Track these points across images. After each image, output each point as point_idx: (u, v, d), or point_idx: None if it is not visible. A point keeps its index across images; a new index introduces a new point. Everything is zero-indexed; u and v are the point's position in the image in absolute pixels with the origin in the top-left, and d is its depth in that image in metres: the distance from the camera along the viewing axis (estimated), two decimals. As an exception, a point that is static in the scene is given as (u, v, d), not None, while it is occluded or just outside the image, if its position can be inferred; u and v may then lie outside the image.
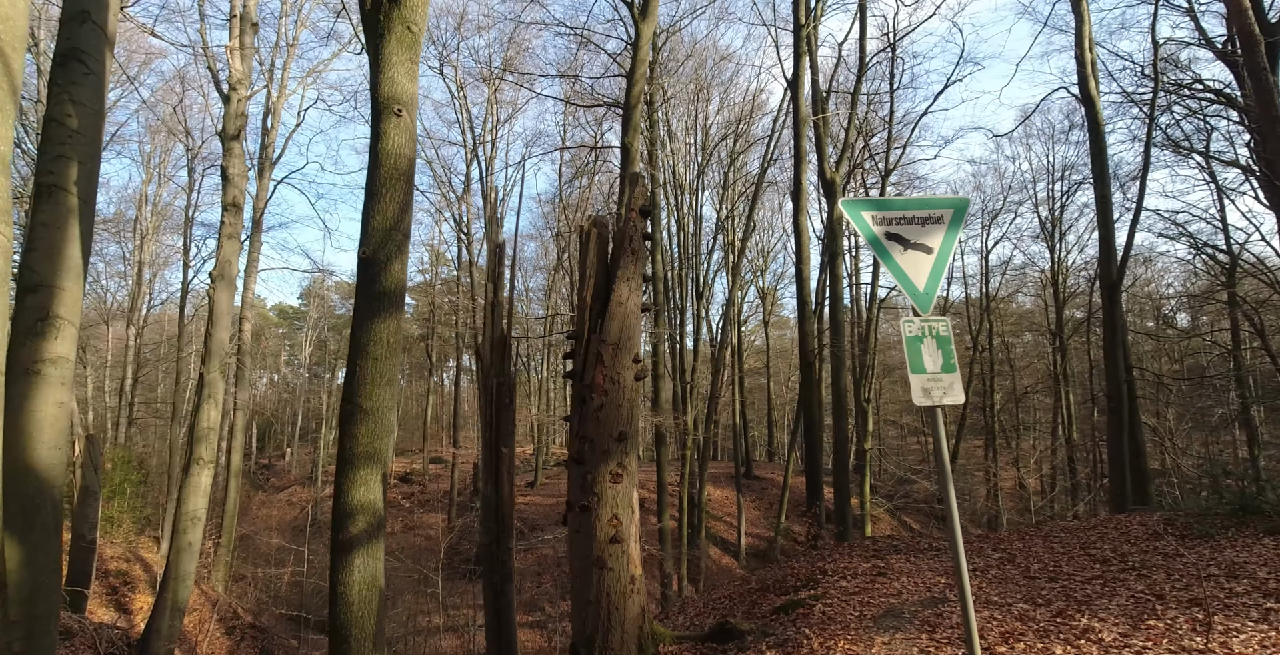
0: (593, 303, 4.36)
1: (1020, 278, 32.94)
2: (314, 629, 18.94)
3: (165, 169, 26.50)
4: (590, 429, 4.13)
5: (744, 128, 21.93)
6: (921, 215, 2.79)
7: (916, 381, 2.62)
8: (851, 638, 3.10)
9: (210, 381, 11.53)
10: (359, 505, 3.17)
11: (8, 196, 3.58)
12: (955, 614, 3.31)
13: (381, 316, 3.27)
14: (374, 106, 3.41)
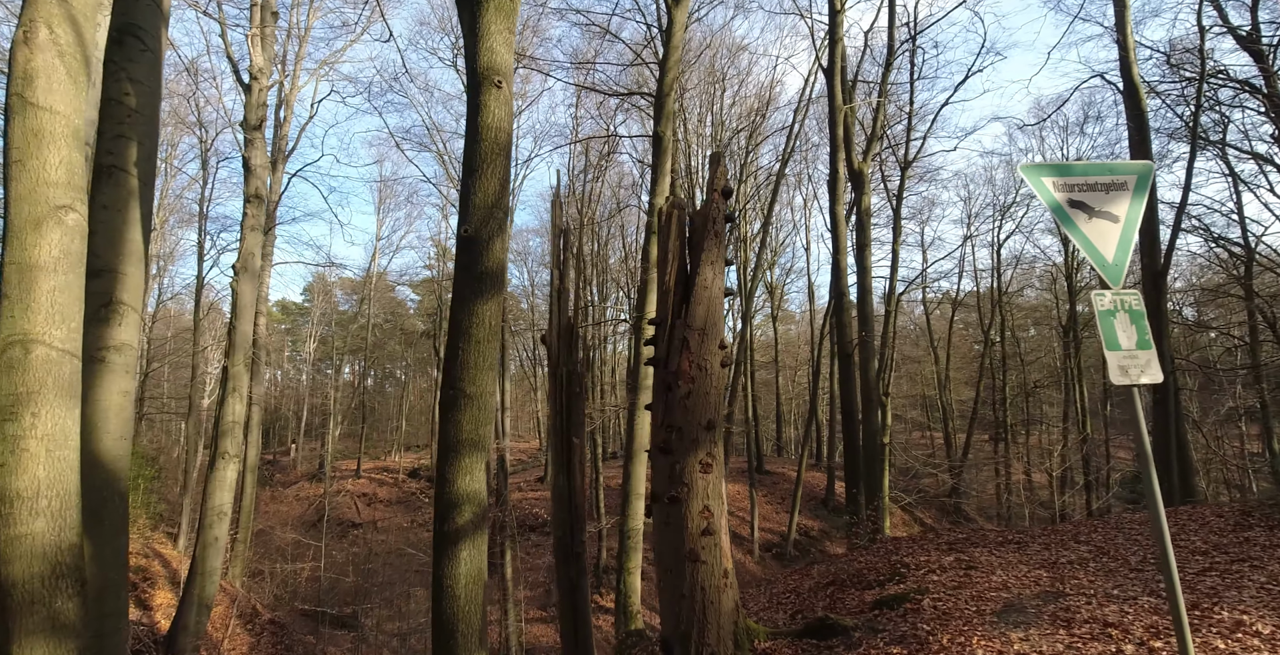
0: (675, 287, 4.21)
1: (1030, 271, 32.85)
2: (330, 624, 18.84)
3: (172, 162, 26.26)
4: (677, 417, 3.98)
5: (758, 121, 21.76)
6: (1105, 181, 2.64)
7: (1113, 359, 2.48)
8: (983, 633, 2.97)
9: (234, 375, 11.37)
10: (464, 495, 3.02)
11: (83, 174, 3.42)
12: (1083, 608, 3.18)
13: (484, 297, 3.12)
14: (471, 79, 3.24)
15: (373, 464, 36.79)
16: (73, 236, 3.24)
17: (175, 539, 19.15)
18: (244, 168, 11.93)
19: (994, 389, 30.44)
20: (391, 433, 42.76)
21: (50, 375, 3.08)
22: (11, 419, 2.98)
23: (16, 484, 2.95)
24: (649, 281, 10.16)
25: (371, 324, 38.28)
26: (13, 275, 3.05)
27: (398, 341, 48.20)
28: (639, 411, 9.97)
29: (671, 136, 10.81)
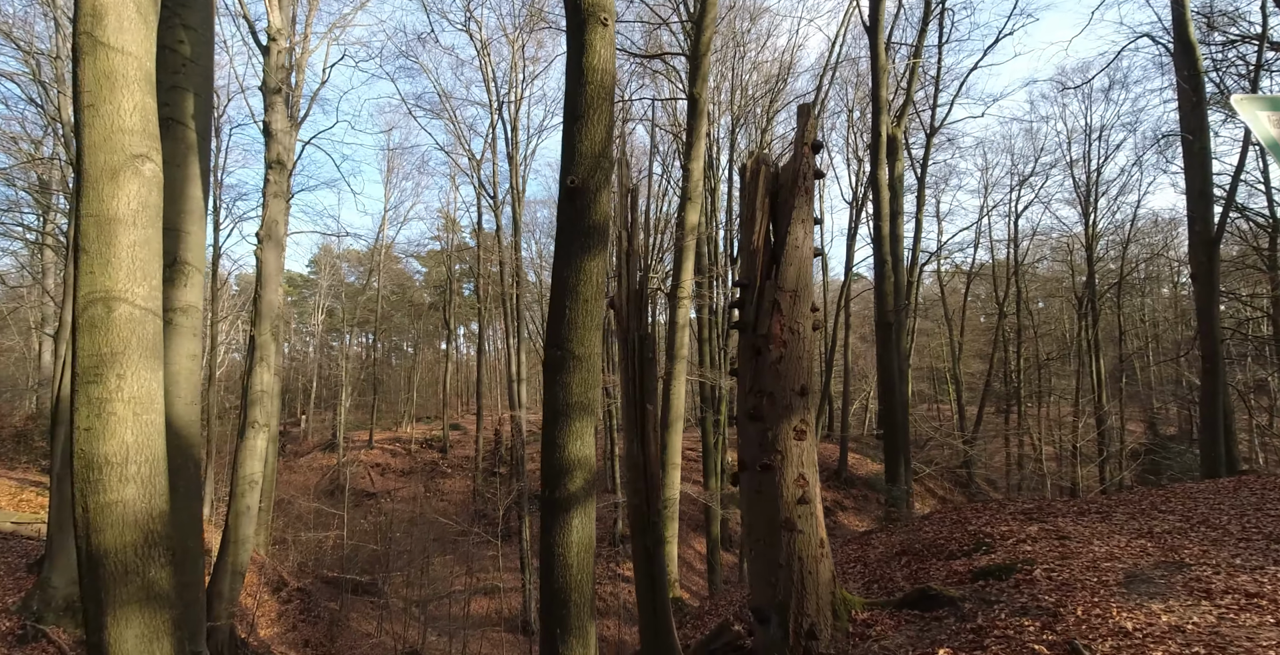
0: (763, 247, 4.01)
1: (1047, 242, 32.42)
2: (352, 591, 19.08)
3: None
4: (769, 383, 3.83)
5: (779, 86, 21.17)
6: (1327, 116, 2.45)
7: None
8: (1120, 604, 2.86)
9: (261, 344, 11.24)
10: (576, 460, 2.89)
11: (154, 120, 3.20)
12: (1215, 579, 3.07)
13: (591, 253, 2.93)
14: (572, 19, 3.00)
15: (385, 435, 36.99)
16: (150, 188, 3.04)
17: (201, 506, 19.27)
18: (265, 132, 11.61)
19: (1006, 361, 30.35)
20: (402, 404, 42.89)
21: (134, 335, 2.92)
22: (96, 381, 2.83)
23: (105, 449, 2.82)
24: (685, 248, 9.94)
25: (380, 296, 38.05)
26: (90, 228, 2.86)
27: (404, 314, 48.07)
28: (675, 380, 9.85)
29: (707, 98, 10.45)
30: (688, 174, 10.21)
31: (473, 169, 24.66)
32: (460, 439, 36.03)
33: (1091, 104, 29.65)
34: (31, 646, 8.52)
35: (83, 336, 2.85)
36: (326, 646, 15.01)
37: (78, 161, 2.97)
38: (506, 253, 22.79)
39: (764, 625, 3.66)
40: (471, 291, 47.55)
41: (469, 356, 54.75)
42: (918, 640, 3.18)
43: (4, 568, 9.28)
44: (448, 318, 35.62)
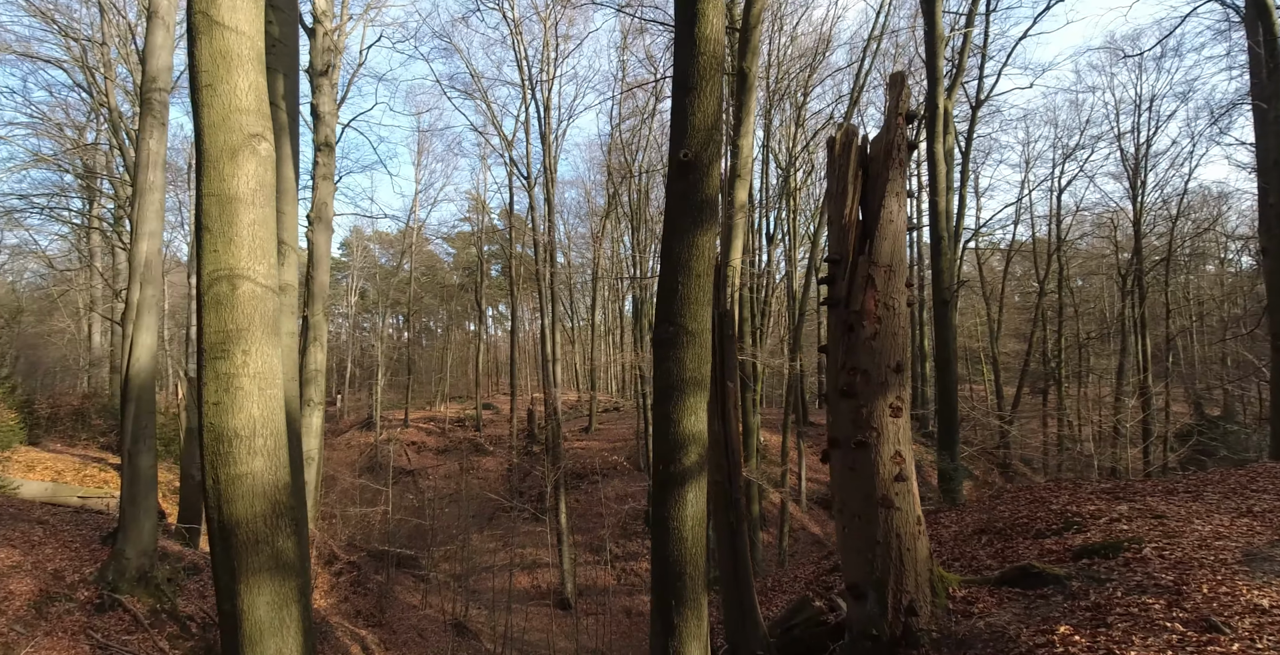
0: (856, 221, 3.94)
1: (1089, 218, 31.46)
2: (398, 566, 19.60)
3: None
4: (862, 359, 3.79)
5: (817, 60, 20.68)
6: None
7: None
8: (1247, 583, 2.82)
9: (315, 324, 11.44)
10: (690, 435, 2.90)
11: (266, 99, 3.22)
12: (1345, 558, 3.01)
13: (703, 228, 2.91)
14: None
15: (419, 414, 37.69)
16: (266, 167, 3.08)
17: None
18: (313, 115, 11.69)
19: (1045, 340, 29.73)
20: (434, 384, 43.57)
21: (257, 312, 2.98)
22: (223, 357, 2.91)
23: (233, 423, 2.91)
24: (735, 226, 9.84)
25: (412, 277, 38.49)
26: (212, 207, 2.91)
27: (433, 295, 48.61)
28: (725, 360, 9.80)
29: (757, 72, 10.24)
30: (737, 150, 10.06)
31: (504, 149, 24.63)
32: (492, 418, 36.56)
33: (1142, 73, 28.50)
34: (108, 615, 8.93)
35: (209, 313, 2.92)
36: (377, 617, 15.50)
37: (197, 141, 3.01)
38: (540, 233, 22.80)
39: (860, 601, 3.68)
40: (499, 273, 47.92)
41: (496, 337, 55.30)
42: (1025, 617, 3.17)
43: (79, 540, 9.70)
44: (479, 299, 35.93)
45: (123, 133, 16.94)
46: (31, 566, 8.69)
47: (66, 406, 19.13)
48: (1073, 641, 2.67)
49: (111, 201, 23.27)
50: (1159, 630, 2.56)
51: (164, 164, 9.55)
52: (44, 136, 23.01)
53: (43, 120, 22.62)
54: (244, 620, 2.83)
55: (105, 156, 23.43)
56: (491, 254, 42.98)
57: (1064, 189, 28.11)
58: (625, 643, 17.91)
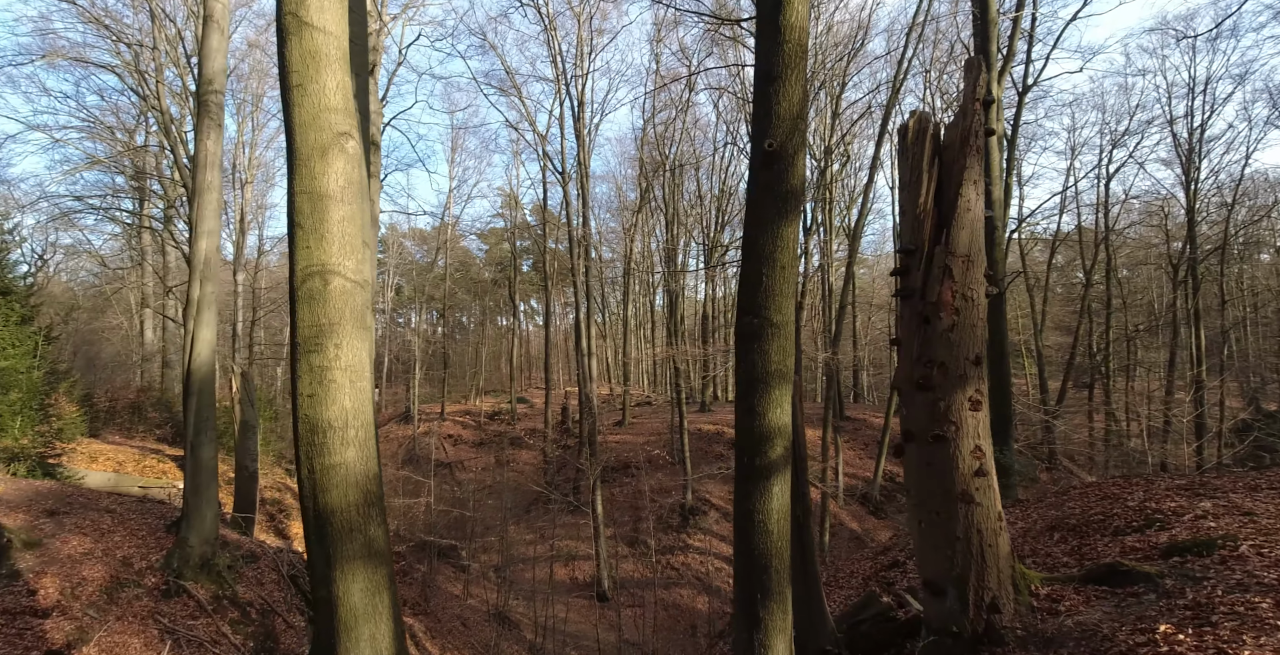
0: (932, 210, 3.87)
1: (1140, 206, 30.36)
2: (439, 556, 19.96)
3: (258, 117, 26.72)
4: (940, 352, 3.72)
5: (856, 48, 20.32)
6: None
7: None
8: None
9: (362, 320, 11.61)
10: (776, 428, 2.89)
11: (352, 97, 3.29)
12: None
13: (788, 218, 2.88)
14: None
15: (455, 407, 38.26)
16: (354, 165, 3.14)
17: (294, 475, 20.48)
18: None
19: (1091, 333, 28.85)
20: (469, 378, 44.18)
21: (348, 306, 3.05)
22: (316, 350, 2.98)
23: (327, 414, 2.98)
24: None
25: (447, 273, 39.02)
26: (304, 205, 2.98)
27: (465, 290, 49.25)
28: (770, 354, 9.72)
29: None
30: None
31: (539, 144, 24.75)
32: (527, 412, 36.94)
33: (1196, 55, 27.31)
34: (174, 601, 9.28)
35: (302, 308, 3.00)
36: (422, 606, 15.84)
37: (288, 140, 3.08)
38: (575, 228, 22.89)
39: (938, 598, 3.63)
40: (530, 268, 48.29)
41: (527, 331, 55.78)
42: (1118, 616, 3.09)
43: (145, 528, 10.09)
44: (512, 293, 36.26)
45: (173, 134, 17.45)
46: (102, 553, 9.07)
47: (123, 400, 19.88)
48: (1176, 641, 2.59)
49: (161, 201, 24.00)
50: (1271, 629, 2.47)
51: (220, 164, 9.82)
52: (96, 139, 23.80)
53: (95, 124, 23.42)
54: (339, 606, 2.91)
55: (154, 158, 24.18)
56: (523, 249, 43.33)
57: (1112, 176, 27.16)
58: (664, 636, 17.99)
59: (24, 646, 7.59)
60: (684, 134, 26.49)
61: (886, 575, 5.62)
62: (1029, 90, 16.79)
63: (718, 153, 28.14)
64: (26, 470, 12.54)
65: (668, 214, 26.20)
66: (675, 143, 26.70)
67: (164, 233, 23.27)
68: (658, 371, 46.86)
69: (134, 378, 27.98)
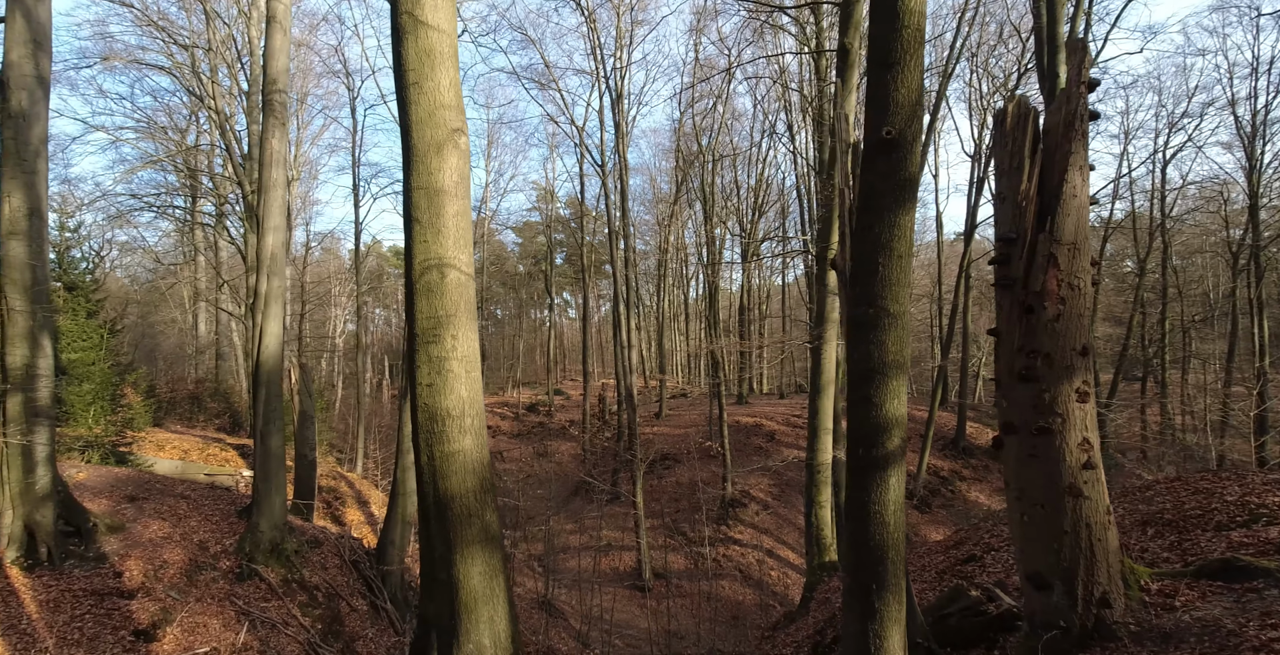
0: (1034, 197, 3.79)
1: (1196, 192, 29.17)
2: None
3: (303, 114, 27.31)
4: (1044, 342, 3.65)
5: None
6: None
7: None
8: None
9: (417, 313, 11.81)
10: (893, 418, 2.88)
11: (460, 94, 3.35)
12: None
13: (905, 207, 2.86)
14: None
15: (492, 399, 38.82)
16: (464, 160, 3.20)
17: (344, 464, 21.06)
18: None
19: (1144, 324, 27.92)
20: (505, 370, 44.75)
21: (463, 298, 3.12)
22: (435, 341, 3.06)
23: (445, 403, 3.06)
24: (835, 206, 9.62)
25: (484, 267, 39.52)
26: (421, 200, 3.06)
27: (500, 284, 49.79)
28: (826, 345, 9.67)
29: (859, 47, 9.93)
30: (839, 130, 9.81)
31: (576, 136, 24.82)
32: (563, 404, 37.28)
33: (1260, 33, 26.07)
34: (247, 584, 9.65)
35: (420, 300, 3.08)
36: (472, 593, 16.18)
37: (404, 138, 3.16)
38: (614, 219, 22.93)
39: (1043, 592, 3.58)
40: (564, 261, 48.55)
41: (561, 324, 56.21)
42: (1240, 612, 3.02)
43: (218, 513, 10.49)
44: (549, 286, 36.53)
45: (228, 133, 17.94)
46: (180, 537, 9.47)
47: (183, 391, 20.63)
48: (1315, 638, 2.52)
49: (213, 199, 24.71)
50: None
51: (285, 162, 10.08)
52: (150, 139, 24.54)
53: (149, 124, 24.19)
54: (460, 589, 3.00)
55: (206, 157, 24.89)
56: (557, 242, 43.61)
57: (1169, 161, 26.15)
58: (708, 627, 18.08)
59: (112, 626, 7.99)
60: (722, 125, 26.28)
61: (963, 569, 5.56)
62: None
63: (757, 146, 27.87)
64: (100, 458, 13.13)
65: (706, 205, 26.05)
66: (714, 133, 26.52)
67: (216, 229, 23.98)
68: (691, 363, 46.84)
69: (189, 370, 28.99)
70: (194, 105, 23.72)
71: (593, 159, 23.29)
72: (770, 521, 23.43)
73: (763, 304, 36.98)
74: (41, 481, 8.08)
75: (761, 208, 28.57)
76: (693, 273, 42.70)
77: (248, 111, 18.28)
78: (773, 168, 29.49)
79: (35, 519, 8.06)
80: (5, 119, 7.89)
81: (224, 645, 8.22)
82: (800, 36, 17.03)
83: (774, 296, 43.15)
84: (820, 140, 15.70)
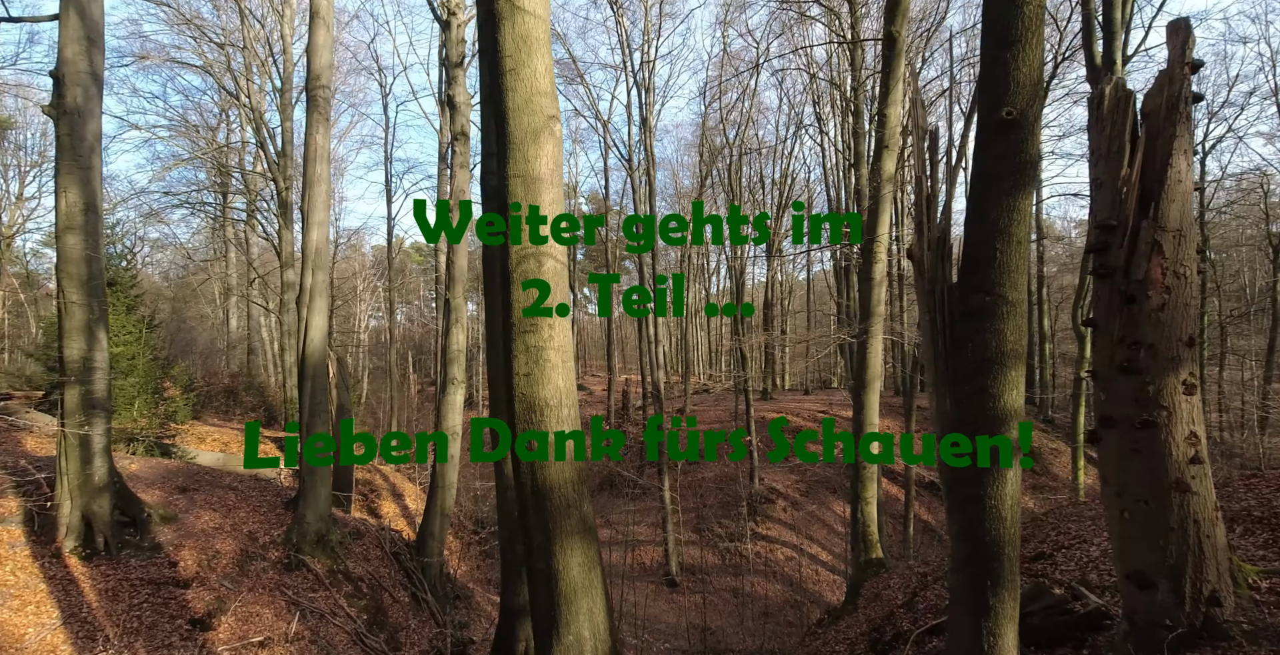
0: (1136, 183, 3.66)
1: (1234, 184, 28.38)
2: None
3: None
4: (1148, 333, 3.53)
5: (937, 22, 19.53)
6: None
7: None
8: None
9: (456, 306, 11.90)
10: (1011, 410, 2.80)
11: (554, 79, 3.30)
12: None
13: (1025, 191, 2.77)
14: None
15: (516, 395, 38.95)
16: (559, 147, 3.15)
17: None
18: (450, 105, 12.05)
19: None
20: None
21: (559, 287, 3.08)
22: (532, 330, 3.02)
23: (543, 393, 3.02)
24: (882, 198, 9.48)
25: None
26: (518, 188, 3.02)
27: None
28: (872, 339, 9.54)
29: (906, 36, 9.74)
30: (884, 119, 9.65)
31: (601, 131, 24.77)
32: (586, 399, 37.33)
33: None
34: (295, 574, 9.76)
35: (517, 290, 3.05)
36: (505, 586, 16.28)
37: (500, 125, 3.11)
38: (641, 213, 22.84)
39: (1145, 591, 3.47)
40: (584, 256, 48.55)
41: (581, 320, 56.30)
42: (1368, 612, 2.90)
43: (265, 505, 10.63)
44: (572, 282, 36.59)
45: (263, 130, 18.13)
46: (230, 528, 9.60)
47: (218, 385, 20.93)
48: None
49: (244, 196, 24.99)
50: None
51: (329, 157, 10.14)
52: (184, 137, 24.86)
53: (182, 122, 24.51)
54: (560, 580, 2.97)
55: (237, 154, 25.18)
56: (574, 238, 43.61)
57: (1208, 153, 25.41)
58: (735, 623, 18.01)
59: (169, 615, 8.12)
60: (746, 118, 26.06)
61: (1033, 567, 5.44)
62: (1129, 60, 15.78)
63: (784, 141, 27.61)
64: (145, 450, 13.36)
65: (732, 199, 25.88)
66: (740, 127, 26.31)
67: (248, 225, 24.24)
68: (712, 359, 46.70)
69: (222, 364, 29.43)
70: (225, 103, 24.01)
71: (619, 153, 23.23)
72: (799, 518, 23.28)
73: (784, 299, 36.73)
74: (99, 473, 8.22)
75: (786, 202, 28.32)
76: (714, 268, 42.49)
77: (281, 109, 18.44)
78: (798, 161, 29.21)
79: (93, 509, 8.21)
80: (61, 115, 8.01)
81: (277, 635, 8.33)
82: (834, 27, 16.78)
83: (795, 292, 42.84)
84: (856, 130, 15.47)
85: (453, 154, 11.94)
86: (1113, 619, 4.39)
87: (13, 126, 21.36)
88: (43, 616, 7.31)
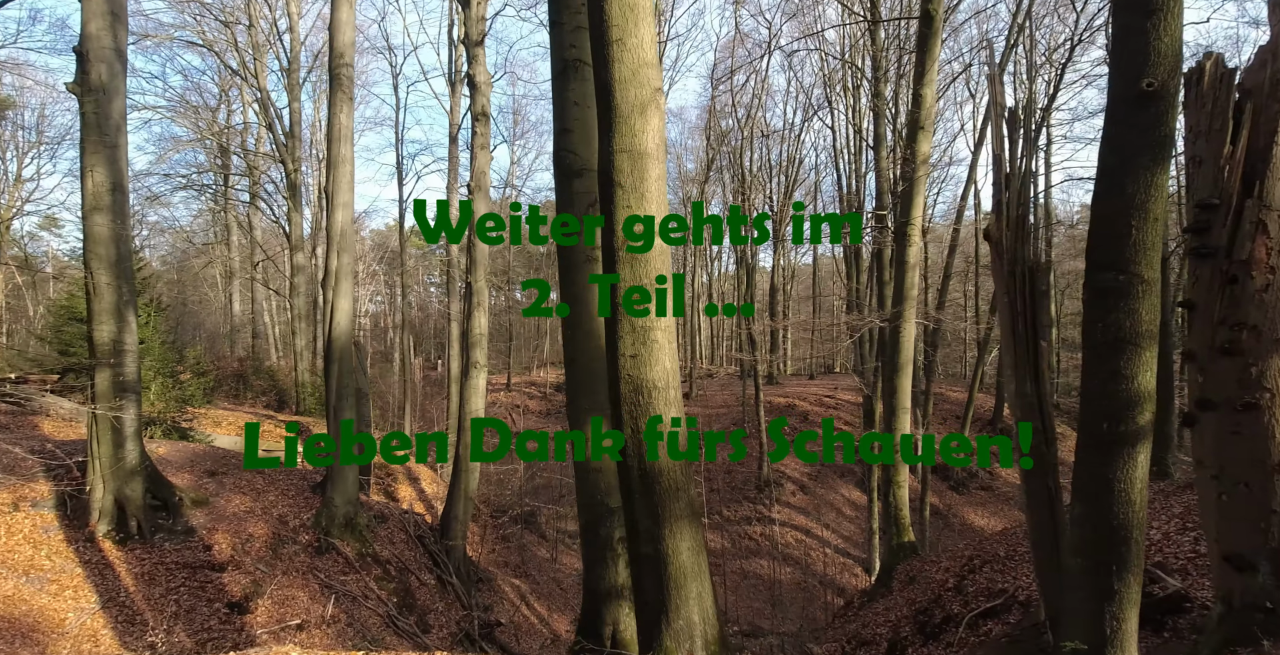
0: (1240, 160, 3.56)
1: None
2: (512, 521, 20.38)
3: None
4: (1251, 314, 3.45)
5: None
6: None
7: None
8: None
9: (478, 290, 11.78)
10: (1144, 392, 2.73)
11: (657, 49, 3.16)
12: None
13: (1163, 165, 2.68)
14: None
15: (519, 378, 38.93)
16: (663, 122, 3.02)
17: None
18: (470, 85, 11.82)
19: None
20: (532, 350, 44.85)
21: (665, 266, 2.98)
22: (640, 311, 2.94)
23: (651, 375, 2.93)
24: (917, 180, 9.36)
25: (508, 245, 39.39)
26: (623, 163, 2.89)
27: (522, 264, 49.66)
28: (905, 324, 9.47)
29: (941, 15, 9.54)
30: (920, 100, 9.49)
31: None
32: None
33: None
34: (325, 557, 9.75)
35: (624, 268, 2.95)
36: (522, 568, 16.36)
37: (604, 98, 2.99)
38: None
39: (1244, 573, 3.44)
40: (588, 240, 48.21)
41: (586, 305, 56.16)
42: None
43: (293, 488, 10.58)
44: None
45: (270, 110, 17.79)
46: (261, 511, 9.56)
47: (228, 369, 20.79)
48: None
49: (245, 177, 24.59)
50: None
51: (352, 137, 9.93)
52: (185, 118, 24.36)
53: (182, 103, 24.01)
54: (669, 564, 2.91)
55: (240, 136, 24.75)
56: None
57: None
58: (745, 605, 18.17)
59: (207, 599, 8.10)
60: (757, 100, 25.75)
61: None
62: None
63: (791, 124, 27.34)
64: (162, 433, 13.27)
65: (741, 183, 25.66)
66: (751, 109, 25.99)
67: (251, 208, 23.91)
68: (715, 344, 46.71)
69: (226, 348, 29.22)
70: (225, 83, 23.54)
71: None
72: (808, 502, 23.40)
73: (789, 283, 36.65)
74: (130, 456, 8.14)
75: (793, 186, 28.10)
76: (716, 253, 42.31)
77: (289, 88, 18.10)
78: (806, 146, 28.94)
79: (125, 493, 8.14)
80: (85, 93, 7.80)
81: (313, 618, 8.33)
82: (851, 7, 16.49)
83: (799, 276, 42.73)
84: (877, 111, 15.28)
85: (473, 135, 11.72)
86: (1192, 602, 4.38)
87: (13, 106, 20.93)
88: (81, 601, 7.27)
